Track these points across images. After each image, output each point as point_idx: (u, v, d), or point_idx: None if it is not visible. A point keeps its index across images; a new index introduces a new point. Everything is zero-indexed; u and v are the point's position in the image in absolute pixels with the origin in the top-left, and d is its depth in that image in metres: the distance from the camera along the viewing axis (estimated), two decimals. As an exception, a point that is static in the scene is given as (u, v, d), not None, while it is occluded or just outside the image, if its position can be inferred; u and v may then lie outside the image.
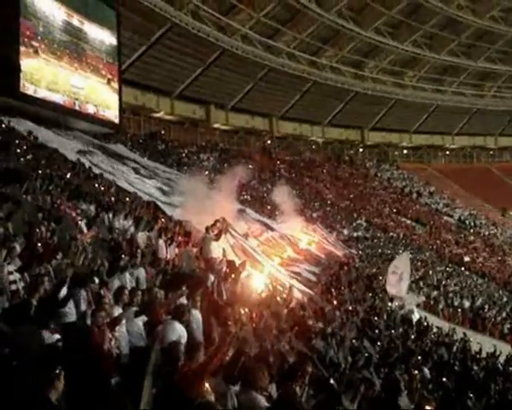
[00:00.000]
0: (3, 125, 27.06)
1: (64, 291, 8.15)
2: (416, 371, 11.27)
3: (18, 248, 9.79)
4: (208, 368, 5.89)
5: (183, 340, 7.91)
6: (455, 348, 19.41)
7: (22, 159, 21.21)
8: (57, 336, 6.52)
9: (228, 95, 53.39)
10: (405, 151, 67.64)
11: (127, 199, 21.89)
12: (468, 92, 66.54)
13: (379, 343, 14.58)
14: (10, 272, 8.92)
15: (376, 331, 16.44)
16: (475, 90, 66.96)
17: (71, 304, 8.68)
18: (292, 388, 6.51)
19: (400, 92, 63.36)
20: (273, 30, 53.71)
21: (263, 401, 6.18)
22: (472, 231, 54.98)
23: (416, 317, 24.47)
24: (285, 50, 54.55)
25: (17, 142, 24.33)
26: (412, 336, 18.76)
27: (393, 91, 63.01)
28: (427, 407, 8.44)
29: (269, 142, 55.90)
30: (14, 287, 8.71)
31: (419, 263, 39.02)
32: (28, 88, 30.55)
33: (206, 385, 5.83)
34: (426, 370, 13.68)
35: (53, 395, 4.44)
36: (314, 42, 56.40)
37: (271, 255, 20.82)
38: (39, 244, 10.06)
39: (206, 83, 50.67)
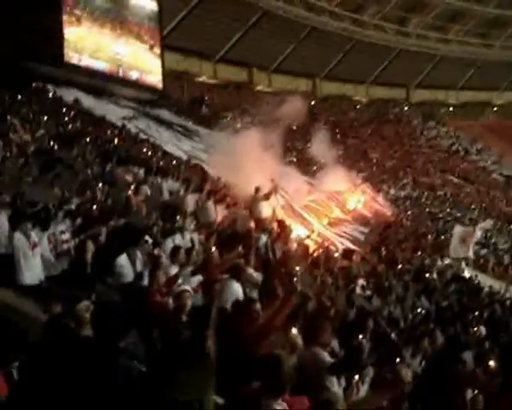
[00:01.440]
0: (50, 94, 27.39)
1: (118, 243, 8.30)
2: (475, 328, 11.14)
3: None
4: (274, 324, 5.86)
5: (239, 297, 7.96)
6: (508, 305, 19.12)
7: (70, 125, 21.45)
8: None
9: (270, 57, 52.83)
10: (452, 108, 66.04)
11: (174, 162, 22.02)
12: (517, 46, 64.53)
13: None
14: (62, 232, 9.05)
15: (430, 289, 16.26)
16: (524, 43, 64.85)
17: (128, 264, 8.81)
18: (359, 342, 6.44)
19: (446, 48, 61.74)
20: (314, -12, 52.89)
21: (326, 357, 6.12)
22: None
23: (466, 275, 24.16)
24: (327, 9, 53.62)
25: (64, 110, 24.60)
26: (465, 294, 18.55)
27: (439, 47, 61.41)
28: (491, 363, 8.28)
29: (312, 102, 55.26)
30: (65, 246, 8.84)
31: (467, 221, 38.46)
32: (72, 57, 30.79)
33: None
34: (482, 327, 13.51)
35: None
36: (356, -1, 55.38)
37: (320, 215, 20.77)
38: (94, 206, 10.17)
39: (248, 45, 50.23)
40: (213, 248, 9.57)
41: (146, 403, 3.48)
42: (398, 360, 6.31)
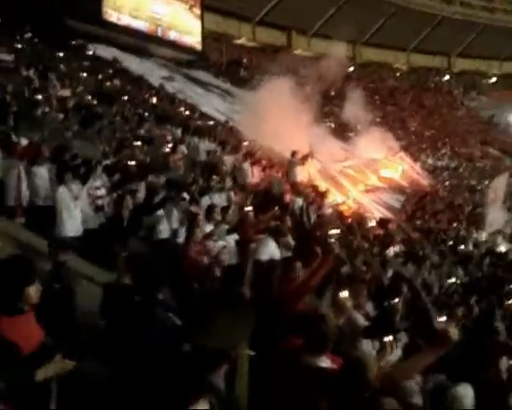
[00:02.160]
0: (89, 52, 27.51)
1: (157, 199, 8.39)
2: (509, 301, 11.01)
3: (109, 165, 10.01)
4: (312, 283, 5.86)
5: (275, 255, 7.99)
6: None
7: (109, 83, 21.57)
8: None
9: (309, 20, 52.13)
10: (494, 79, 64.59)
11: (211, 123, 22.01)
12: None
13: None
14: (97, 188, 9.13)
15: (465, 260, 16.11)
16: None
17: (164, 221, 8.89)
18: (392, 304, 6.45)
19: (490, 17, 60.20)
20: (357, -48, 51.85)
21: (361, 319, 6.13)
22: None
23: (502, 249, 23.85)
24: (369, -28, 52.69)
25: (103, 67, 24.72)
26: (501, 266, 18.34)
27: (483, 16, 59.93)
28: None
29: (351, 68, 54.46)
30: (100, 202, 8.92)
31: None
32: (111, 15, 30.79)
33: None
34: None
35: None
36: (400, -37, 54.19)
37: (356, 182, 20.66)
38: (133, 163, 10.22)
39: (288, 8, 49.51)
40: (249, 208, 9.58)
41: (180, 352, 3.51)
42: (444, 318, 6.29)
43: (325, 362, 4.31)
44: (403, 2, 55.20)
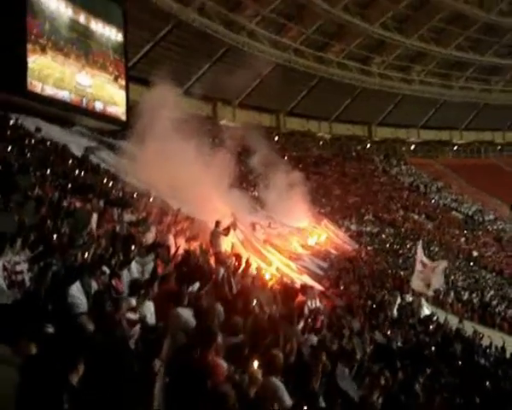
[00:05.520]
0: (11, 122, 27.09)
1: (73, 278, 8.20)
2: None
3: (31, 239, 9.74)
4: None
5: (190, 325, 7.94)
6: (465, 342, 19.40)
7: (31, 154, 21.23)
8: None
9: (234, 91, 53.11)
10: (413, 146, 67.31)
11: (135, 195, 21.86)
12: (476, 87, 66.22)
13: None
14: (17, 263, 8.85)
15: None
16: (483, 84, 66.61)
17: (82, 295, 8.67)
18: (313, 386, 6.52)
19: (407, 87, 63.04)
20: (279, 26, 53.62)
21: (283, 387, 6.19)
22: (480, 226, 54.78)
23: (425, 311, 24.38)
24: (291, 46, 54.43)
25: (25, 138, 24.35)
26: (423, 330, 18.75)
27: (401, 87, 62.70)
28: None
29: (276, 138, 55.63)
30: (19, 277, 8.64)
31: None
32: (35, 85, 30.58)
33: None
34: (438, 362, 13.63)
35: (74, 379, 4.37)
36: (320, 37, 56.22)
37: (280, 251, 20.79)
38: (54, 236, 10.03)
39: (213, 80, 50.43)
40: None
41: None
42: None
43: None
44: (325, 74, 57.16)
